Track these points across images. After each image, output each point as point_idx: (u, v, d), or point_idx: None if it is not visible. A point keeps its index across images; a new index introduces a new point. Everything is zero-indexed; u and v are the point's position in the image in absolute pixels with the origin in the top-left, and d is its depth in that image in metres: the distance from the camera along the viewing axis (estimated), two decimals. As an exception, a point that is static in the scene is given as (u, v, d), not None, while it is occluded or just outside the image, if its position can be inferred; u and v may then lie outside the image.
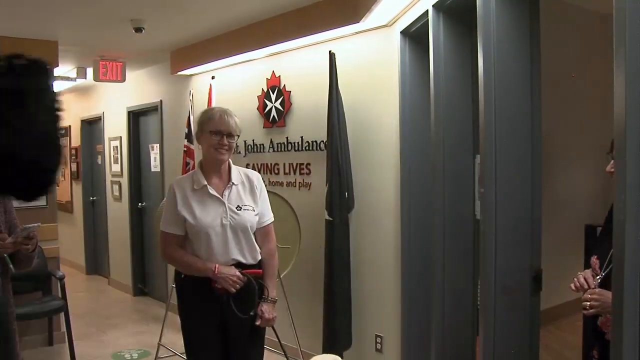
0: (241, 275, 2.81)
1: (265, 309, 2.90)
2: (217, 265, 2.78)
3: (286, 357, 3.07)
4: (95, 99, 8.31)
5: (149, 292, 7.53)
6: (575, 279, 2.23)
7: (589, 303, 2.05)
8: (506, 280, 2.49)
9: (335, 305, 4.23)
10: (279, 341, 3.13)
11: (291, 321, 4.56)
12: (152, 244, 7.10)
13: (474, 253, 3.16)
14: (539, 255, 2.57)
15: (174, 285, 3.02)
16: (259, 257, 2.94)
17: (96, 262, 8.87)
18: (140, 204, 7.47)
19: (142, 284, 7.61)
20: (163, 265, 6.70)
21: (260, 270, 2.93)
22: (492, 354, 2.50)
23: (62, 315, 5.23)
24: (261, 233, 2.96)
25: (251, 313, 2.85)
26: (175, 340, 4.61)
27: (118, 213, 7.80)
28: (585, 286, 2.13)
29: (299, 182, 4.83)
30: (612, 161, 1.82)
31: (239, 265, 2.85)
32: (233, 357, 2.97)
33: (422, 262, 3.78)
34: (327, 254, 4.26)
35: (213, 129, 2.84)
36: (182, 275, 2.91)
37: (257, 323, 2.88)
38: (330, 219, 4.21)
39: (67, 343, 5.09)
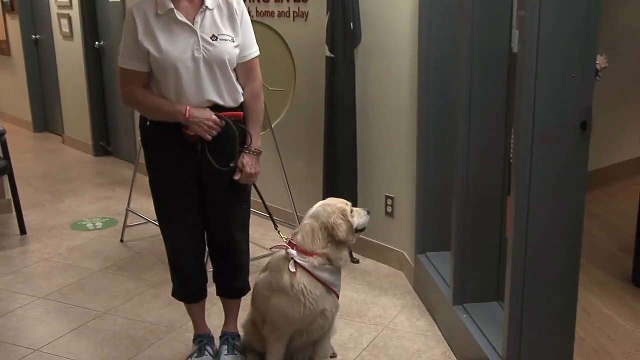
0: (217, 119, 2.81)
1: (247, 161, 2.93)
2: (188, 108, 2.76)
3: (272, 221, 3.13)
4: None
5: (113, 151, 7.62)
6: None
7: None
8: (547, 128, 2.47)
9: (337, 161, 4.29)
10: (263, 201, 3.18)
11: (285, 180, 4.63)
12: (115, 93, 7.07)
13: (508, 95, 3.13)
14: (590, 97, 2.52)
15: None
16: (241, 99, 2.93)
17: (45, 116, 8.90)
18: (97, 42, 7.35)
19: (105, 141, 7.67)
20: (130, 118, 6.72)
21: (241, 113, 2.93)
22: (526, 217, 2.53)
23: (5, 179, 5.31)
24: (243, 69, 2.92)
25: (231, 164, 2.89)
26: (147, 206, 4.70)
27: (70, 55, 7.69)
28: None
29: (294, 11, 4.71)
30: None
31: (215, 107, 2.84)
32: (212, 220, 3.06)
33: (443, 108, 3.76)
34: (328, 99, 4.26)
35: None
36: (148, 122, 2.90)
37: (236, 178, 2.92)
38: (332, 55, 4.17)
39: (14, 212, 5.21)
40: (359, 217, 2.93)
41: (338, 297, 2.97)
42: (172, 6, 2.77)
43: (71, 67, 7.71)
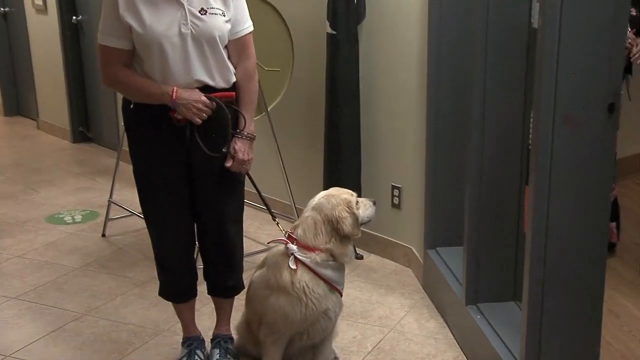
0: (208, 101, 2.81)
1: (240, 147, 2.94)
2: (175, 89, 2.77)
3: (270, 212, 3.13)
4: None
5: (93, 137, 7.61)
6: None
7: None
8: (570, 110, 2.46)
9: (339, 148, 4.30)
10: (258, 191, 3.19)
11: (282, 169, 4.63)
12: (96, 73, 7.05)
13: (527, 74, 3.12)
14: (619, 76, 2.52)
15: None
16: (233, 79, 2.93)
17: (17, 99, 8.88)
18: (74, 17, 7.32)
19: (84, 126, 7.66)
20: (112, 101, 6.71)
21: (233, 93, 2.93)
22: (546, 209, 2.53)
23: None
24: (236, 46, 2.92)
25: (223, 150, 2.90)
26: (131, 197, 4.70)
27: (44, 30, 7.67)
28: None
29: (291, -17, 4.70)
30: None
31: (205, 88, 2.84)
32: (202, 212, 3.07)
33: (455, 89, 3.76)
34: (329, 80, 4.25)
35: None
36: (131, 105, 2.90)
37: (228, 165, 2.93)
38: (334, 32, 4.16)
39: (-16, 204, 5.22)
40: (364, 208, 2.94)
41: (341, 295, 2.99)
42: (157, -24, 2.76)
43: (46, 44, 7.69)
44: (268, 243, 3.13)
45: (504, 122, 3.22)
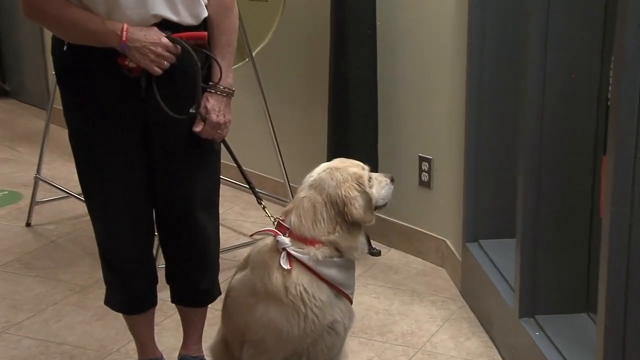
0: (170, 43, 2.78)
1: (213, 105, 2.92)
2: (125, 27, 2.72)
3: (254, 193, 3.13)
4: None
5: (12, 92, 7.66)
6: None
7: None
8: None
9: (349, 107, 4.30)
10: (238, 165, 3.18)
11: (272, 135, 4.62)
12: (15, 7, 7.03)
13: (606, 5, 3.10)
14: None
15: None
16: (205, 14, 2.90)
17: None
18: None
19: (1, 78, 7.65)
20: (38, 42, 6.74)
21: (204, 33, 2.90)
22: (631, 189, 2.51)
23: None
24: (208, -29, 2.91)
25: (191, 111, 2.87)
26: (67, 173, 4.72)
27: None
28: None
29: None
30: None
31: (167, 26, 2.81)
32: (164, 194, 3.07)
33: (506, 24, 3.76)
34: (335, 15, 4.26)
35: None
36: (65, 46, 2.87)
37: (197, 130, 2.91)
38: (342, -48, 4.18)
39: None
40: (379, 186, 2.92)
41: (351, 303, 2.97)
42: None
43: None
44: (251, 235, 3.12)
45: (573, 68, 3.21)
